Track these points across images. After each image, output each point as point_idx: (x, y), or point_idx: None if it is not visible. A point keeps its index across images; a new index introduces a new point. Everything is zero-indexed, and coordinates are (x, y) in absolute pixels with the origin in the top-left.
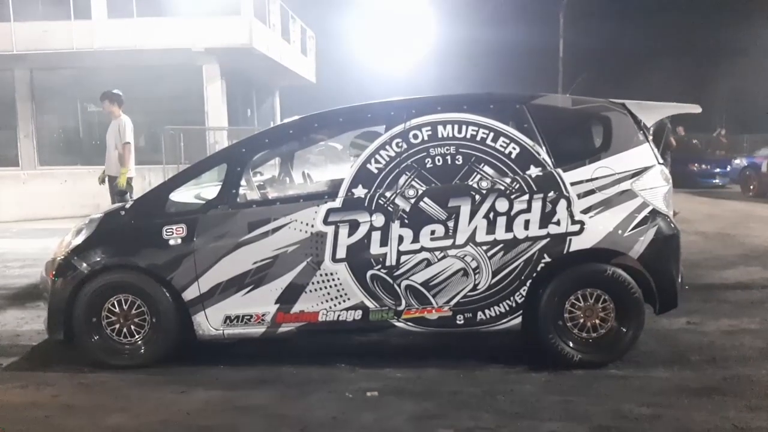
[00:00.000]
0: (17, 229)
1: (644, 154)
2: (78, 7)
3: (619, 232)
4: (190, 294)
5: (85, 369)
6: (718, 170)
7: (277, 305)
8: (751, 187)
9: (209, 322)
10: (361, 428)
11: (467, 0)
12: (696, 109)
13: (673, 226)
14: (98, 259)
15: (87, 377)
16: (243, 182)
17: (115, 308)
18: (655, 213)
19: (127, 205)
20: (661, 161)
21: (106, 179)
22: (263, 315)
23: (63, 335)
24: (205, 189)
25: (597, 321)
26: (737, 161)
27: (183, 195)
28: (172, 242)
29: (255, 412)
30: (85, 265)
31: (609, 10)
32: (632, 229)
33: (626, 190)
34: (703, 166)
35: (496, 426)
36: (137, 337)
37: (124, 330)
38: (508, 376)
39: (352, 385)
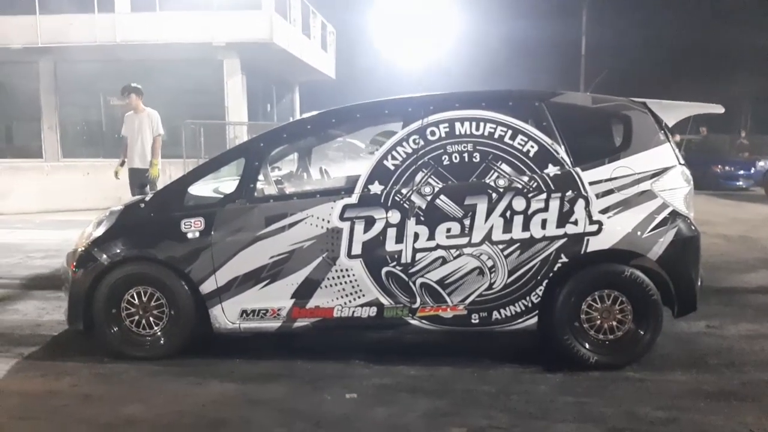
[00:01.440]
0: (39, 220)
1: (665, 154)
2: (102, 0)
3: (638, 233)
4: (207, 287)
5: (105, 359)
6: (741, 172)
7: (293, 300)
8: None
9: (226, 315)
10: (373, 424)
11: None
12: (719, 109)
13: (693, 227)
14: (118, 250)
15: (105, 368)
16: (261, 177)
17: (135, 300)
18: (675, 214)
19: (147, 198)
20: (682, 162)
21: (124, 172)
22: (279, 309)
23: (83, 326)
24: (223, 183)
25: (614, 323)
26: (761, 163)
27: (202, 189)
28: (190, 235)
29: (269, 406)
30: (105, 256)
31: (632, 8)
32: (651, 231)
33: (646, 190)
34: (727, 168)
35: (510, 425)
36: (156, 329)
37: (143, 322)
38: (522, 376)
39: (365, 381)
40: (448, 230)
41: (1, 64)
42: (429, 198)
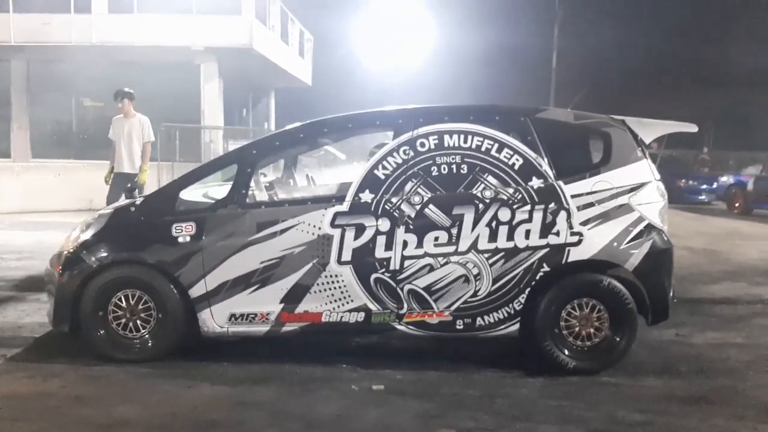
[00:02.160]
0: (9, 221)
1: (642, 169)
2: (78, 0)
3: (616, 244)
4: (196, 291)
5: (91, 362)
6: (704, 187)
7: (282, 305)
8: (737, 204)
9: (214, 319)
10: (365, 425)
11: (465, 7)
12: (693, 128)
13: (667, 240)
14: (107, 254)
15: (93, 370)
16: (252, 183)
17: (122, 303)
18: (650, 227)
19: (137, 202)
20: (658, 177)
21: (112, 176)
22: (268, 314)
23: (69, 328)
24: (212, 188)
25: (592, 330)
26: (724, 178)
27: (191, 194)
28: (181, 240)
29: (261, 408)
30: (93, 259)
31: (604, 25)
32: (628, 242)
33: (624, 204)
34: (690, 182)
35: (496, 427)
36: (143, 332)
37: (130, 325)
38: (504, 381)
39: (354, 384)
40: (436, 239)
41: None
42: (418, 207)
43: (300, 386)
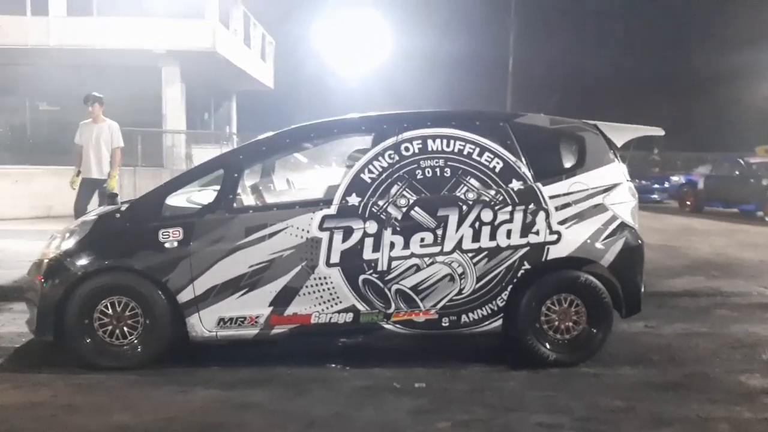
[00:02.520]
0: None
1: (614, 171)
2: (35, 2)
3: (592, 242)
4: (185, 296)
5: (77, 370)
6: (656, 186)
7: (271, 307)
8: (688, 202)
9: (203, 324)
10: (365, 422)
11: (424, 14)
12: (659, 131)
13: (638, 238)
14: (92, 261)
15: (81, 378)
16: (239, 188)
17: (108, 310)
18: (623, 225)
19: (122, 208)
20: (628, 178)
21: (79, 181)
22: (257, 317)
23: (53, 336)
24: (196, 193)
25: (570, 324)
26: (675, 178)
27: (175, 199)
28: (168, 245)
29: (258, 409)
30: (78, 266)
31: (559, 31)
32: (603, 240)
33: (598, 204)
34: (643, 182)
35: (489, 418)
36: (130, 338)
37: (117, 332)
38: (491, 375)
39: (347, 384)
40: (422, 240)
41: None
42: (404, 209)
43: (294, 387)
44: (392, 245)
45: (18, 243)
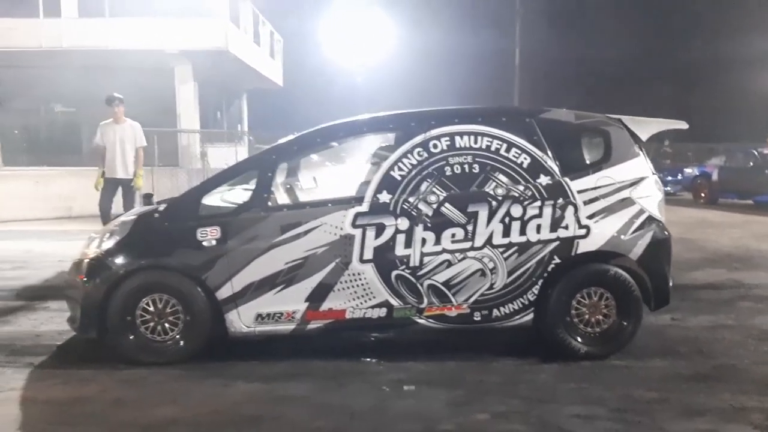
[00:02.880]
0: None
1: (640, 165)
2: (47, 4)
3: (620, 236)
4: (223, 293)
5: (120, 366)
6: (669, 178)
7: (307, 303)
8: (702, 194)
9: (241, 319)
10: (404, 413)
11: (430, 8)
12: (683, 125)
13: (665, 231)
14: (133, 260)
15: (125, 374)
16: (273, 187)
17: (150, 307)
18: (650, 219)
19: (161, 208)
20: (654, 172)
21: (104, 182)
22: (293, 312)
23: (96, 334)
24: (229, 192)
25: (600, 317)
26: (689, 170)
27: (210, 198)
28: (206, 243)
29: (299, 402)
30: (120, 265)
31: (567, 22)
32: (631, 233)
33: (626, 198)
34: (656, 174)
35: (526, 410)
36: (172, 334)
37: (158, 328)
38: (522, 368)
39: (383, 377)
40: (453, 235)
41: None
42: (434, 206)
43: (332, 381)
44: (424, 241)
45: (42, 244)
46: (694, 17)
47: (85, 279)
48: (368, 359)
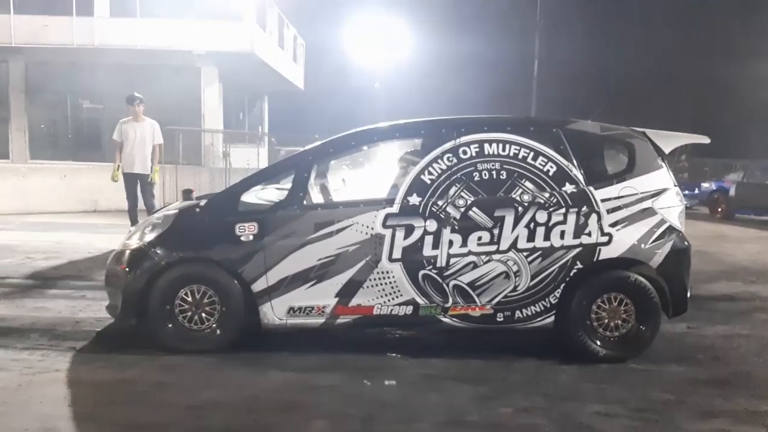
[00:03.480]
0: (19, 221)
1: (663, 177)
2: (80, 3)
3: (642, 244)
4: (258, 286)
5: (158, 352)
6: (686, 192)
7: (337, 299)
8: (719, 209)
9: (274, 312)
10: (432, 405)
11: (451, 17)
12: (705, 139)
13: (685, 241)
14: (174, 252)
15: (164, 359)
16: (309, 186)
17: (188, 297)
18: (671, 229)
19: (202, 203)
20: (676, 184)
21: (120, 175)
22: (324, 307)
23: (135, 322)
24: (263, 191)
25: (620, 321)
26: (706, 184)
27: (247, 196)
28: (243, 239)
29: (332, 391)
30: (161, 256)
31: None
32: (652, 242)
33: (647, 208)
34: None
35: (548, 406)
36: (209, 323)
37: (195, 318)
38: (543, 368)
39: (409, 371)
40: (479, 238)
41: None
42: (462, 209)
43: (360, 373)
44: (451, 243)
45: (72, 235)
46: (715, 33)
47: (126, 269)
48: (393, 354)
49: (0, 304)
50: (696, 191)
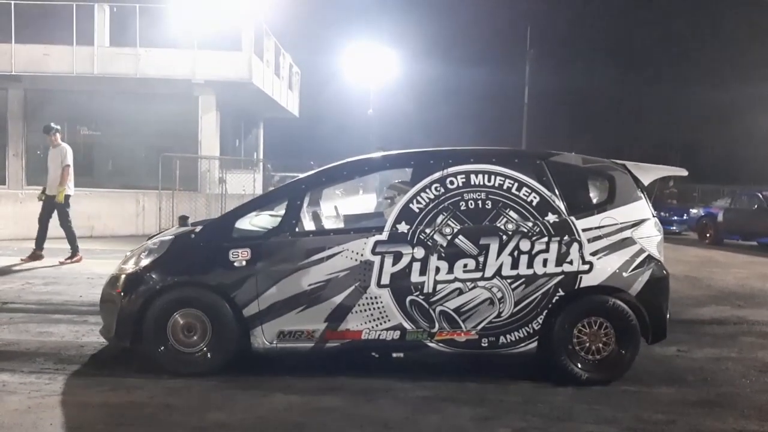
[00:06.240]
0: (17, 247)
1: (642, 208)
2: (81, 33)
3: (621, 272)
4: (250, 310)
5: (163, 375)
6: (675, 218)
7: (326, 323)
8: (708, 235)
9: (265, 336)
10: (434, 425)
11: (441, 48)
12: (683, 172)
13: (664, 270)
14: (169, 276)
15: (169, 382)
16: (301, 214)
17: (181, 321)
18: (650, 258)
19: (197, 230)
20: (654, 214)
21: (44, 197)
22: (313, 331)
23: (129, 343)
24: (257, 217)
25: (600, 345)
26: (694, 210)
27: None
28: (237, 264)
29: (336, 412)
30: (156, 281)
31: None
32: (632, 271)
33: (627, 237)
34: (662, 214)
35: (545, 426)
36: (200, 346)
37: (188, 341)
38: (538, 390)
39: (409, 393)
40: (465, 265)
41: None
42: (449, 237)
43: (362, 395)
44: (437, 269)
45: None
46: (704, 61)
47: (122, 293)
48: (393, 377)
49: (5, 329)
50: (685, 217)
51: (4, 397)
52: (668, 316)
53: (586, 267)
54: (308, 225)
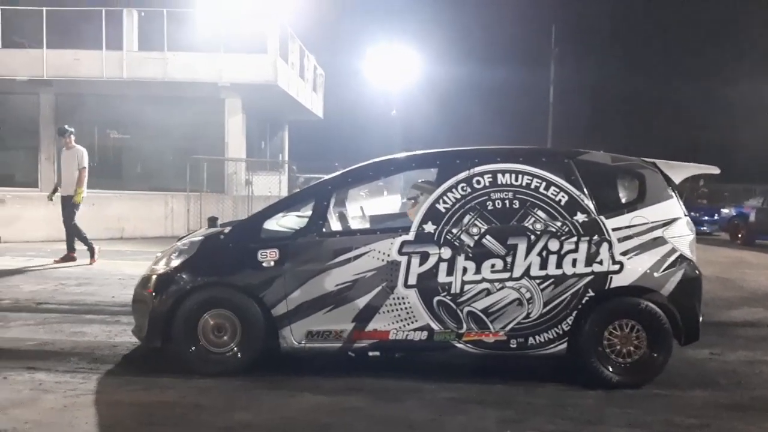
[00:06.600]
0: (50, 249)
1: (673, 206)
2: (110, 38)
3: (653, 273)
4: (279, 310)
5: (193, 375)
6: (706, 218)
7: (354, 323)
8: (740, 235)
9: (293, 335)
10: (459, 428)
11: (465, 46)
12: (714, 170)
13: (696, 270)
14: (199, 276)
15: (199, 382)
16: (328, 215)
17: (211, 321)
18: (682, 258)
19: (226, 231)
20: (686, 213)
21: (57, 198)
22: (341, 331)
23: (160, 343)
24: (284, 218)
25: (631, 348)
26: (726, 210)
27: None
28: (265, 264)
29: (362, 413)
30: (187, 281)
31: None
32: (663, 271)
33: (658, 237)
34: (693, 214)
35: (574, 429)
36: (231, 346)
37: (218, 341)
38: (567, 392)
39: (435, 395)
40: (493, 266)
41: (4, 96)
42: (476, 237)
43: (387, 396)
44: (465, 270)
45: (101, 262)
46: (736, 57)
47: (153, 293)
48: (419, 378)
49: (40, 329)
50: (716, 217)
51: (41, 396)
52: (701, 317)
53: (617, 267)
54: (335, 225)
